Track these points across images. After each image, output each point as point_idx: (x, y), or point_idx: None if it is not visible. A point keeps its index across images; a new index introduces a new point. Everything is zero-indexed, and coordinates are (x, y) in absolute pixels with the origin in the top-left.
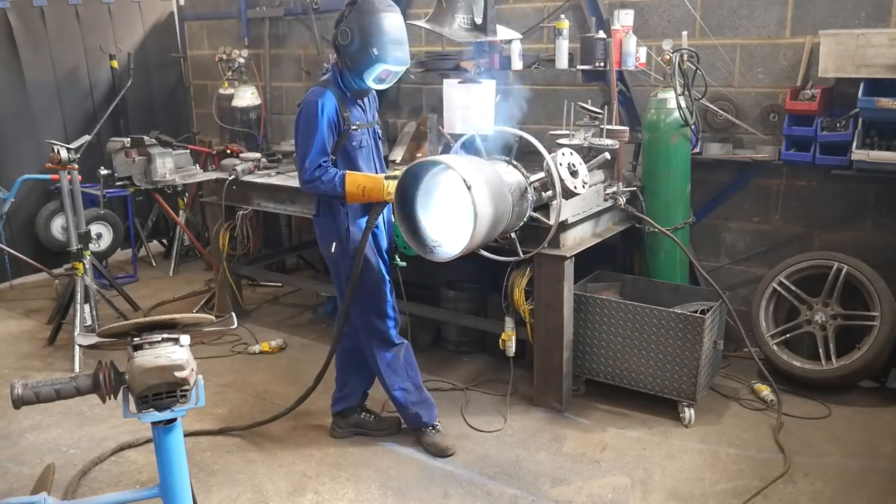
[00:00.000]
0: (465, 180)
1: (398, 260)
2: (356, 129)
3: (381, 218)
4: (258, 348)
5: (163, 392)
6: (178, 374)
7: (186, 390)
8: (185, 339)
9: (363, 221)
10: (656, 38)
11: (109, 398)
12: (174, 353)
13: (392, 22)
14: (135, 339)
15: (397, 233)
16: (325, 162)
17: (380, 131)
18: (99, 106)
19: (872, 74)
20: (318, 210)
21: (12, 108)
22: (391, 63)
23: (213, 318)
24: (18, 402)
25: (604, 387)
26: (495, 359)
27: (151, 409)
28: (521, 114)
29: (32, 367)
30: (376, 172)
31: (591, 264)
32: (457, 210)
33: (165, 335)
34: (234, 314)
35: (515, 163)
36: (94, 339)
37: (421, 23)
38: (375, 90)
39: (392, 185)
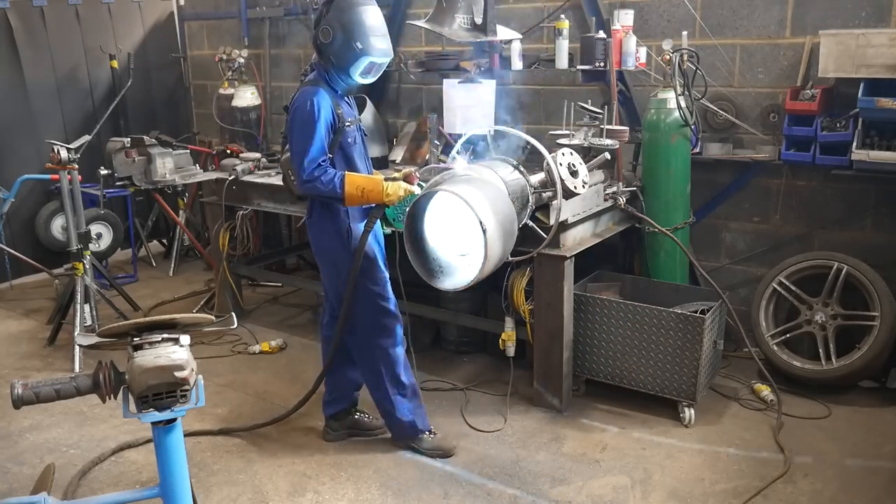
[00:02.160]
0: (481, 223)
1: (385, 227)
2: (349, 126)
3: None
4: (258, 348)
5: (163, 392)
6: (178, 374)
7: (186, 390)
8: (185, 339)
9: (361, 219)
10: (656, 38)
11: (109, 398)
12: (174, 353)
13: (372, 14)
14: (135, 339)
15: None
16: (323, 161)
17: (364, 128)
18: (99, 106)
19: (872, 74)
20: (311, 212)
21: (12, 108)
22: (376, 55)
23: (212, 318)
24: (18, 402)
25: (604, 387)
26: (495, 359)
27: (151, 409)
28: (521, 114)
29: (32, 367)
30: (368, 169)
31: (591, 264)
32: (465, 234)
33: (165, 335)
34: (233, 314)
35: (522, 168)
36: (94, 339)
37: (421, 23)
38: (361, 84)
39: (391, 187)
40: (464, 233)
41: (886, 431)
